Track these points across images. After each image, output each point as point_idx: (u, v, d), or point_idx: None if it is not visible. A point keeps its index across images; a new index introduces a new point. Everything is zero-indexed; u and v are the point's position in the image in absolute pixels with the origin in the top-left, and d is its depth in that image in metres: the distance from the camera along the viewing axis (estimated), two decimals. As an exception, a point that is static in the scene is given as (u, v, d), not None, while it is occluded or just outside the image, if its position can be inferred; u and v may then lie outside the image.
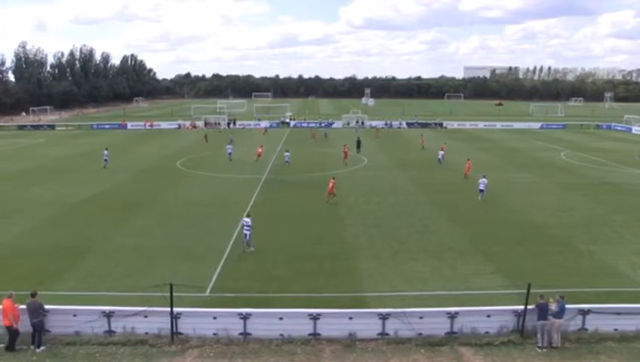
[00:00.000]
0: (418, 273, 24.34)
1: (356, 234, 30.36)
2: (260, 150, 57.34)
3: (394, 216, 34.23)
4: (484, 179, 38.93)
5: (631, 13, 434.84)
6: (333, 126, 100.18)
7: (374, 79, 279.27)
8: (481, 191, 38.55)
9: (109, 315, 18.25)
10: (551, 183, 45.11)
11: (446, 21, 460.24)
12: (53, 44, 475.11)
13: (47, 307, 17.95)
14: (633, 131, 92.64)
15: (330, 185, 37.74)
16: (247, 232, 27.09)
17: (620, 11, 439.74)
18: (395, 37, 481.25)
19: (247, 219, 27.46)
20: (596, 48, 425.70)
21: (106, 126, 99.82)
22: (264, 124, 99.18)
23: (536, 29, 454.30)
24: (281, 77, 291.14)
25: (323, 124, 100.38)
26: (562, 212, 35.31)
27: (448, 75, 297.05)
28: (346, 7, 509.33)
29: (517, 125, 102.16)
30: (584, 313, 18.47)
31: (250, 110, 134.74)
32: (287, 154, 54.43)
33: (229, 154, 58.41)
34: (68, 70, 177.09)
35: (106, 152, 54.31)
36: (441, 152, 57.14)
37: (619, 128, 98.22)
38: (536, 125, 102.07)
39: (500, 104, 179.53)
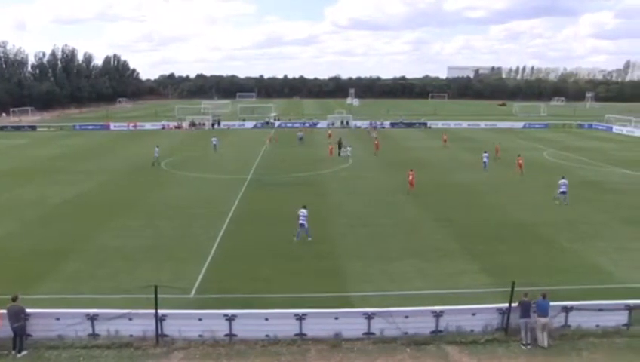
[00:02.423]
0: (403, 272, 24.42)
1: (342, 233, 30.41)
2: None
3: (379, 215, 34.32)
4: (564, 180, 37.57)
5: (610, 14, 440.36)
6: (318, 126, 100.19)
7: (359, 79, 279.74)
8: (563, 193, 37.08)
9: (92, 318, 18.07)
10: (534, 182, 45.53)
11: (430, 21, 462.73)
12: (34, 44, 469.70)
13: (28, 311, 17.73)
14: (614, 130, 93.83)
15: (410, 177, 41.10)
16: (304, 222, 28.46)
17: (600, 12, 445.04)
18: (379, 37, 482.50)
19: (304, 211, 28.83)
20: (578, 48, 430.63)
21: (89, 127, 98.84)
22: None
23: (520, 29, 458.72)
24: (265, 77, 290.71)
25: (307, 124, 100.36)
26: (545, 210, 35.65)
27: (432, 75, 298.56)
28: (331, 8, 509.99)
29: (500, 124, 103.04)
30: (567, 310, 18.67)
31: (235, 110, 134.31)
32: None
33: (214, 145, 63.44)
34: (49, 70, 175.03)
35: (157, 149, 55.74)
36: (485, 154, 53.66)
37: (600, 127, 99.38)
38: (519, 125, 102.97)
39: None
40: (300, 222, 28.64)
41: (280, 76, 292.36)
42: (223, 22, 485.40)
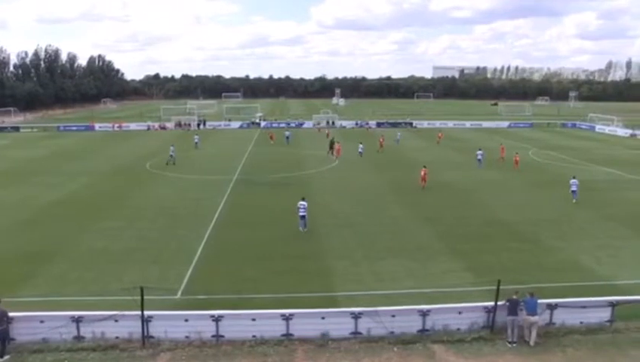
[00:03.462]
0: (389, 272, 24.52)
1: (328, 233, 30.44)
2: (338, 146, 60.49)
3: (365, 215, 34.40)
4: (575, 180, 38.40)
5: (593, 15, 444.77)
6: (304, 126, 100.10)
7: (345, 79, 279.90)
8: (574, 192, 37.93)
9: (78, 320, 17.92)
10: (519, 181, 45.90)
11: (416, 21, 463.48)
12: (17, 44, 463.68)
13: (11, 314, 17.53)
14: (596, 130, 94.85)
15: (423, 173, 42.53)
16: (304, 214, 29.92)
17: (583, 13, 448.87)
18: (365, 37, 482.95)
19: (304, 203, 30.17)
20: (562, 49, 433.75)
21: (73, 128, 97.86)
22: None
23: (505, 29, 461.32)
24: (251, 77, 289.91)
25: (293, 125, 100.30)
26: (530, 209, 35.97)
27: (418, 74, 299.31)
28: (317, 8, 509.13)
29: (486, 124, 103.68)
30: (552, 308, 18.86)
31: (220, 111, 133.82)
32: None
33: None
34: (32, 70, 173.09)
35: (172, 148, 56.10)
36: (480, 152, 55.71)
37: (583, 127, 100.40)
38: (505, 124, 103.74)
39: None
40: (301, 213, 30.02)
41: (265, 76, 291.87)
42: (208, 21, 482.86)
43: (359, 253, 27.11)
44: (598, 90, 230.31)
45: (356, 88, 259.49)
